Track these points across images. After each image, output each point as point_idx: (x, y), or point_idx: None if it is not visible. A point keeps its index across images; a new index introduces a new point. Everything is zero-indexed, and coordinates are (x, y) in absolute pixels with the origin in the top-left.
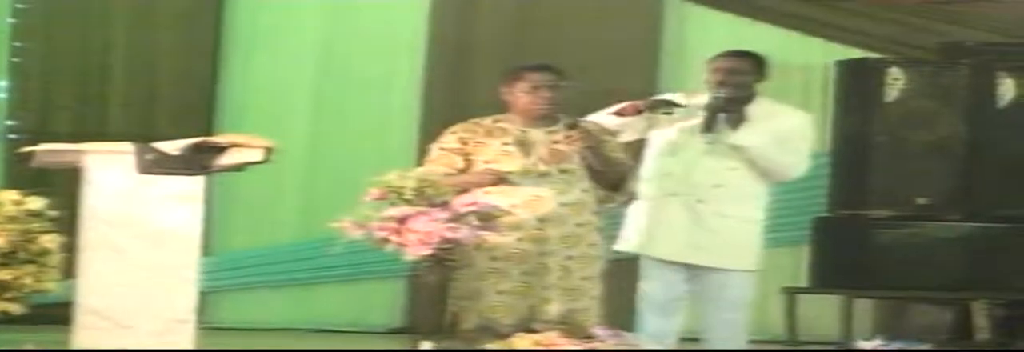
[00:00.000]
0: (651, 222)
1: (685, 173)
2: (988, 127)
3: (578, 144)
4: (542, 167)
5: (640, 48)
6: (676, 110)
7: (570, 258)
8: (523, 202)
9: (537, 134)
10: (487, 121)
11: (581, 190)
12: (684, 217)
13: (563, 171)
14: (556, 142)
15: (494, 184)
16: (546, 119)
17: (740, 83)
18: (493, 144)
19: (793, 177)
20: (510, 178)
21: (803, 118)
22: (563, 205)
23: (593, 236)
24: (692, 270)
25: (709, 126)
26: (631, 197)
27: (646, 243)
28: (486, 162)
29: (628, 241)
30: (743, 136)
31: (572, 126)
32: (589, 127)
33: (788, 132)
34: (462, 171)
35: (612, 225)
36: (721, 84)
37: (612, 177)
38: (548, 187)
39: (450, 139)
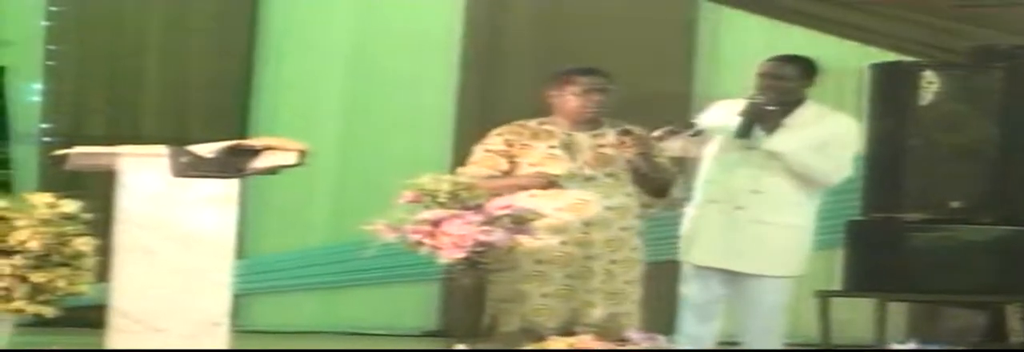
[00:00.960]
0: (692, 228)
1: (725, 179)
2: (1021, 130)
3: (632, 149)
4: (588, 171)
5: (674, 51)
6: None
7: (614, 262)
8: (568, 205)
9: (582, 138)
10: (532, 123)
11: (625, 194)
12: (722, 223)
13: (609, 175)
14: (601, 146)
15: (544, 187)
16: (591, 123)
17: (783, 88)
18: (539, 147)
19: (834, 183)
20: (557, 181)
21: (848, 124)
22: (608, 209)
23: (635, 240)
24: (730, 275)
25: (743, 131)
26: (673, 203)
27: (686, 248)
28: (531, 165)
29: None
30: (778, 142)
31: (626, 132)
32: (641, 133)
33: (830, 137)
34: (506, 173)
35: (653, 229)
36: (763, 89)
37: (658, 183)
38: (593, 191)
39: (495, 141)
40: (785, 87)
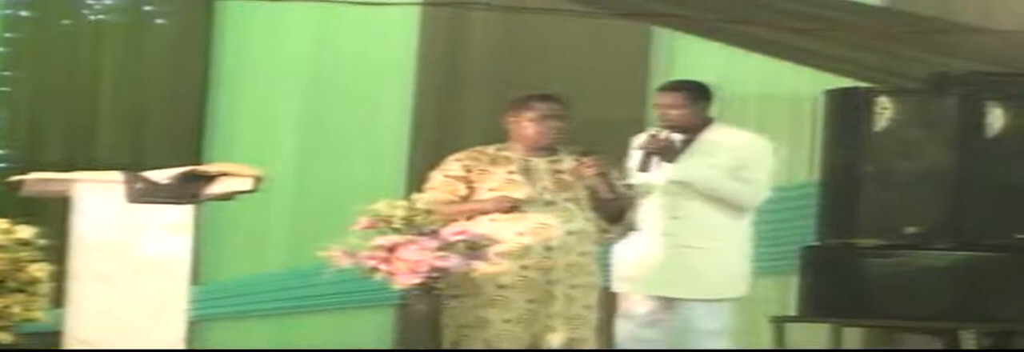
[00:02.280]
0: (620, 258)
1: (645, 208)
2: (977, 156)
3: (591, 170)
4: (548, 196)
5: (629, 77)
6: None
7: (573, 287)
8: (530, 230)
9: (540, 163)
10: (490, 149)
11: (585, 219)
12: (649, 251)
13: (568, 200)
14: (559, 172)
15: (507, 211)
16: (548, 149)
17: (675, 117)
18: (498, 172)
19: (753, 206)
20: (519, 205)
21: (760, 145)
22: (569, 233)
23: (593, 266)
24: (663, 304)
25: (643, 166)
26: (630, 228)
27: (617, 278)
28: (491, 190)
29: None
30: (682, 171)
31: (586, 153)
32: (599, 156)
33: (743, 160)
34: (464, 199)
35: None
36: (657, 119)
37: (615, 208)
38: (554, 215)
39: (454, 166)
40: (677, 115)
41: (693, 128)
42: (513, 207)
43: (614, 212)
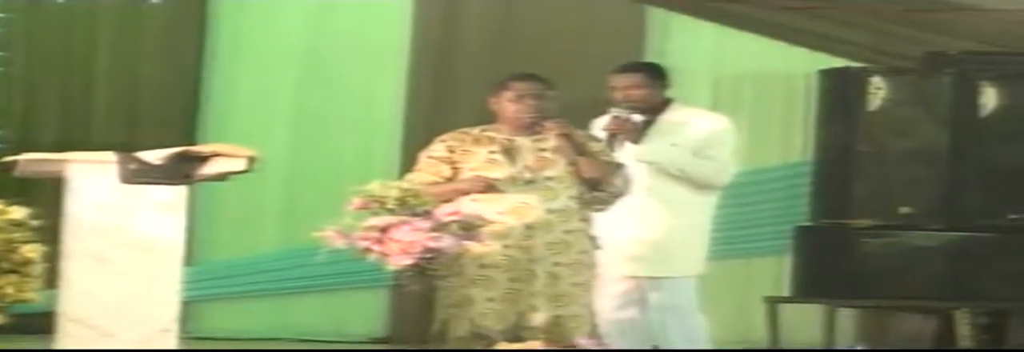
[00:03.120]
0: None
1: None
2: (970, 136)
3: (554, 130)
4: (528, 175)
5: (623, 58)
6: None
7: (558, 264)
8: (510, 209)
9: (524, 142)
10: (475, 130)
11: (568, 197)
12: (623, 231)
13: (549, 178)
14: (543, 150)
15: (484, 191)
16: (533, 127)
17: (637, 98)
18: (480, 152)
19: (719, 185)
20: (497, 185)
21: (720, 124)
22: (550, 212)
23: (584, 243)
24: (637, 283)
25: (610, 143)
26: (619, 194)
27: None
28: (472, 170)
29: None
30: (647, 151)
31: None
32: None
33: (705, 139)
34: (449, 179)
35: None
36: (617, 101)
37: (598, 174)
38: (535, 194)
39: (438, 148)
40: (636, 95)
41: (653, 109)
42: (490, 187)
43: (596, 178)
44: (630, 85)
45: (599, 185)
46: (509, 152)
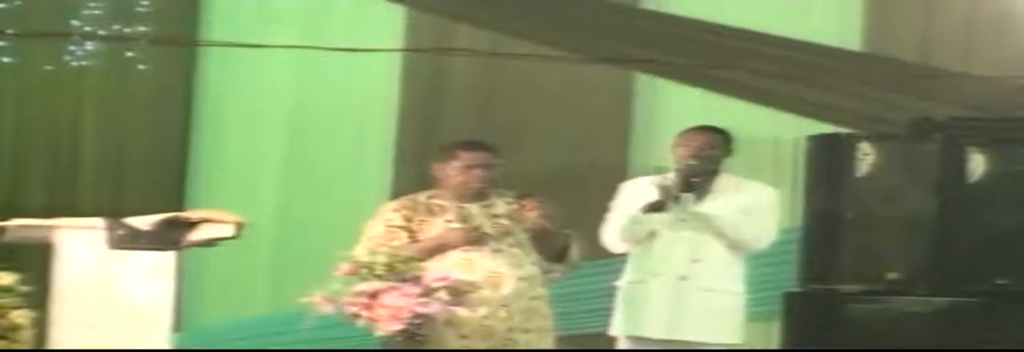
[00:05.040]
0: (632, 301)
1: (663, 251)
2: (958, 202)
3: (535, 212)
4: (492, 243)
5: (611, 121)
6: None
7: (527, 331)
8: (483, 279)
9: (475, 209)
10: (422, 198)
11: (531, 263)
12: (667, 294)
13: (512, 245)
14: (495, 216)
15: (473, 243)
16: (479, 195)
17: (709, 156)
18: (436, 222)
19: (762, 247)
20: (466, 254)
21: (769, 192)
22: (521, 279)
23: (544, 308)
24: (673, 348)
25: (657, 204)
26: (573, 267)
27: (625, 321)
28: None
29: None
30: (710, 206)
31: (522, 196)
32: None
33: (753, 203)
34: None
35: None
36: (692, 157)
37: (558, 247)
38: (503, 262)
39: (393, 216)
40: (711, 155)
41: (712, 172)
42: (478, 238)
43: (558, 251)
44: (705, 144)
45: (560, 257)
46: (464, 220)
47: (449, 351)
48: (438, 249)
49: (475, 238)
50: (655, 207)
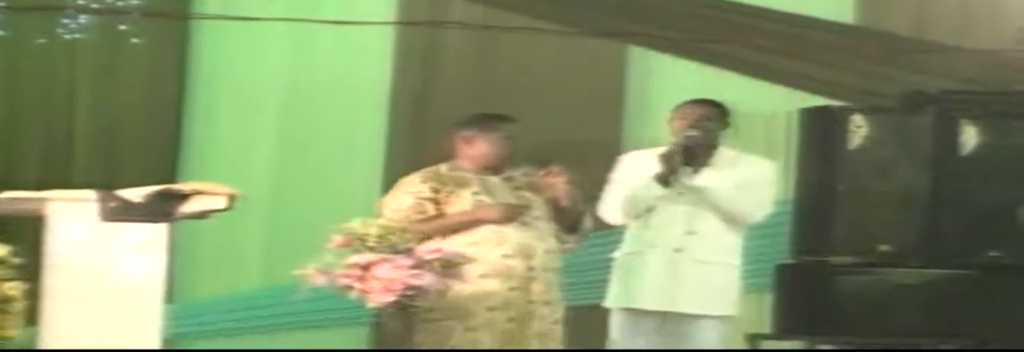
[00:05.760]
0: (628, 273)
1: (660, 223)
2: (950, 175)
3: (561, 179)
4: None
5: (604, 97)
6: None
7: (548, 304)
8: (514, 251)
9: (496, 181)
10: (443, 169)
11: (553, 236)
12: (663, 266)
13: (536, 217)
14: (517, 188)
15: (509, 219)
16: (496, 168)
17: (707, 129)
18: (464, 194)
19: (756, 220)
20: (496, 227)
21: (766, 165)
22: (546, 252)
23: (556, 281)
24: (664, 319)
25: (663, 176)
26: (584, 237)
27: (621, 294)
28: (458, 213)
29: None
30: (704, 179)
31: (545, 163)
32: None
33: (748, 177)
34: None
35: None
36: (688, 128)
37: (574, 217)
38: (532, 234)
39: (421, 188)
40: (709, 128)
41: (709, 145)
42: (516, 213)
43: (573, 222)
44: (702, 117)
45: (574, 227)
46: (490, 192)
47: (457, 351)
48: (472, 224)
49: (513, 213)
50: (663, 178)
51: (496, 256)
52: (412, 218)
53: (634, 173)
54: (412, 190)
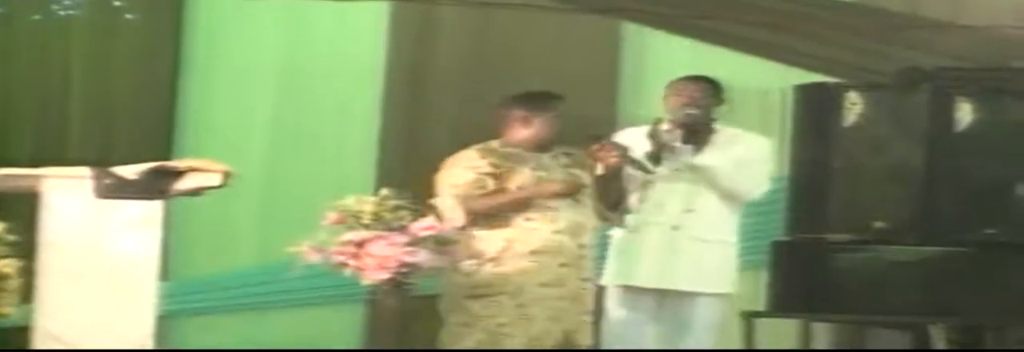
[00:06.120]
0: (625, 250)
1: (659, 200)
2: (945, 152)
3: (615, 153)
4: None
5: (599, 74)
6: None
7: (585, 280)
8: (566, 228)
9: (548, 159)
10: (494, 145)
11: (594, 214)
12: (661, 243)
13: (586, 195)
14: (568, 166)
15: (574, 192)
16: (547, 146)
17: (705, 106)
18: (524, 171)
19: (755, 198)
20: (549, 203)
21: (763, 142)
22: (594, 230)
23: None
24: (662, 297)
25: (654, 156)
26: (626, 213)
27: (619, 271)
28: (519, 189)
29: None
30: (703, 158)
31: (598, 138)
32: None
33: (747, 154)
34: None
35: None
36: (686, 106)
37: (618, 193)
38: (582, 213)
39: (481, 163)
40: (705, 104)
41: (707, 122)
42: (578, 188)
43: (617, 198)
44: (698, 94)
45: (616, 204)
46: (547, 169)
47: (464, 351)
48: (533, 199)
49: (574, 188)
50: (654, 156)
51: (548, 232)
52: (472, 193)
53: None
54: (471, 165)
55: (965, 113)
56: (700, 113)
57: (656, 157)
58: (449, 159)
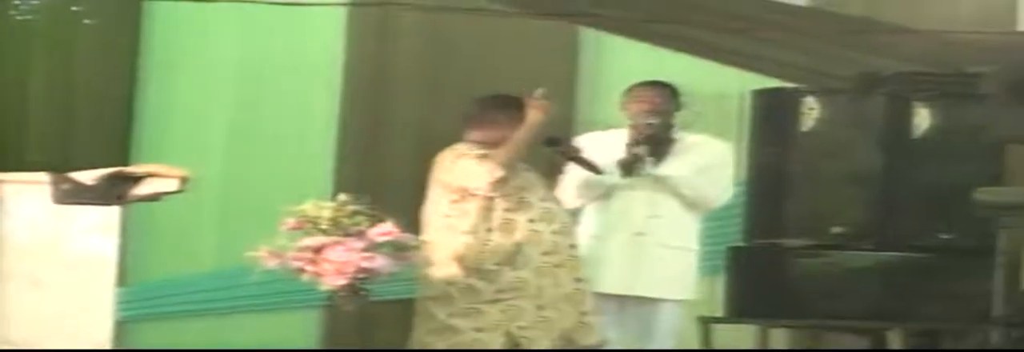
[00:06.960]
0: (592, 259)
1: (623, 207)
2: (904, 156)
3: (645, 105)
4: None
5: (556, 77)
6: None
7: (579, 280)
8: (561, 228)
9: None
10: (463, 150)
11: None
12: (625, 250)
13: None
14: (527, 170)
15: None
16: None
17: (665, 113)
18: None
19: (717, 206)
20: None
21: (724, 148)
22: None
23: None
24: (622, 303)
25: (627, 164)
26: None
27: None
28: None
29: None
30: (666, 167)
31: (555, 141)
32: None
33: (709, 161)
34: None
35: None
36: (647, 113)
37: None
38: (568, 212)
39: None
40: (666, 111)
41: (668, 129)
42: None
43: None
44: (658, 98)
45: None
46: (513, 171)
47: (463, 351)
48: (533, 129)
49: (548, 109)
50: (627, 167)
51: (549, 233)
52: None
53: (591, 155)
54: (460, 152)
55: (923, 118)
56: (661, 121)
57: (628, 169)
58: (437, 157)
